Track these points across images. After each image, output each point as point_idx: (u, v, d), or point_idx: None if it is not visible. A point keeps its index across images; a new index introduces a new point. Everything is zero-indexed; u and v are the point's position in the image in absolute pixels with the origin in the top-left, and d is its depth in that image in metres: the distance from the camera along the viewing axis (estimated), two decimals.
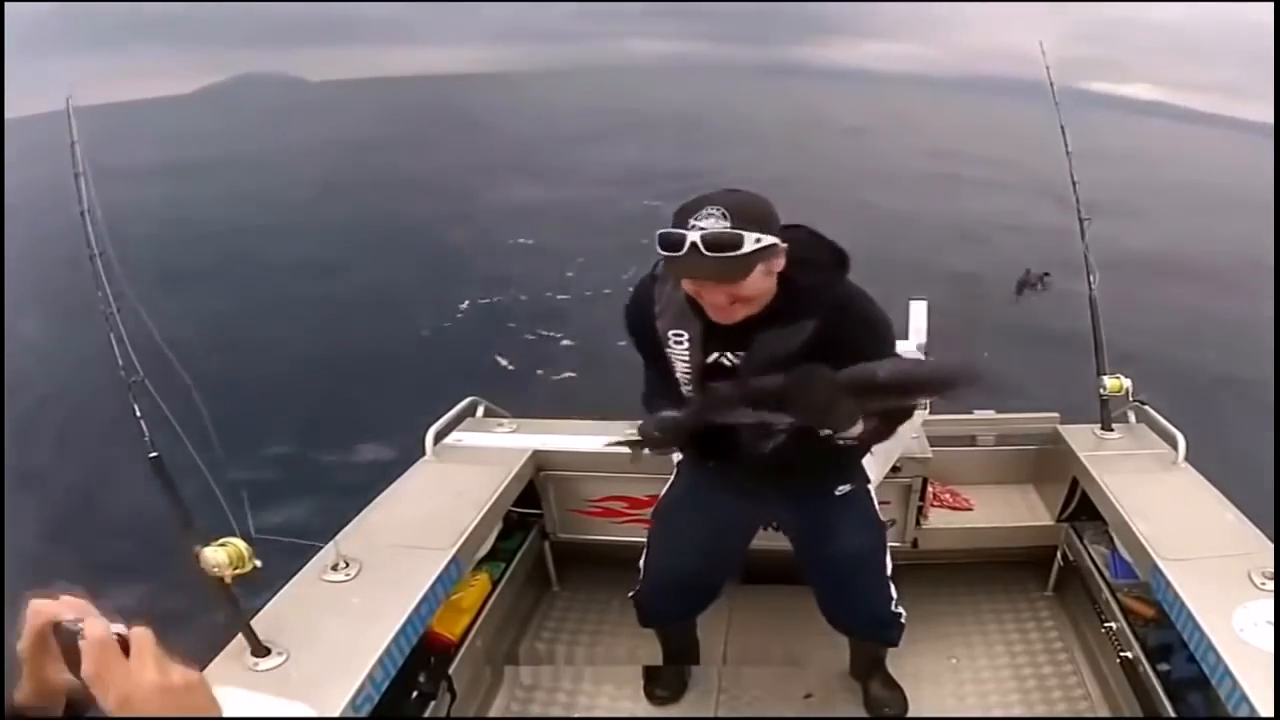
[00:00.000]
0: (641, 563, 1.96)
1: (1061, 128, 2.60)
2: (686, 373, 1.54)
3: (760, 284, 1.36)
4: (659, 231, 1.31)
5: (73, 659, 0.67)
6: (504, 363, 8.83)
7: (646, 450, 1.64)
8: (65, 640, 0.68)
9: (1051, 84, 2.64)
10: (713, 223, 1.27)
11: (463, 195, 17.94)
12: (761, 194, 1.36)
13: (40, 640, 0.70)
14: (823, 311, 1.41)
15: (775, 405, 1.36)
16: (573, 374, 8.34)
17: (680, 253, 1.28)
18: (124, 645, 0.66)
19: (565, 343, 9.49)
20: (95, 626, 0.65)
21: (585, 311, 10.16)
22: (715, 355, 1.51)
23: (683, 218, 1.30)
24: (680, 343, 1.52)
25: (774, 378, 1.35)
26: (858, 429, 1.39)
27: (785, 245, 1.34)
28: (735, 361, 1.50)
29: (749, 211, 1.30)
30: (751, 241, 1.27)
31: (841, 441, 1.47)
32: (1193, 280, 12.43)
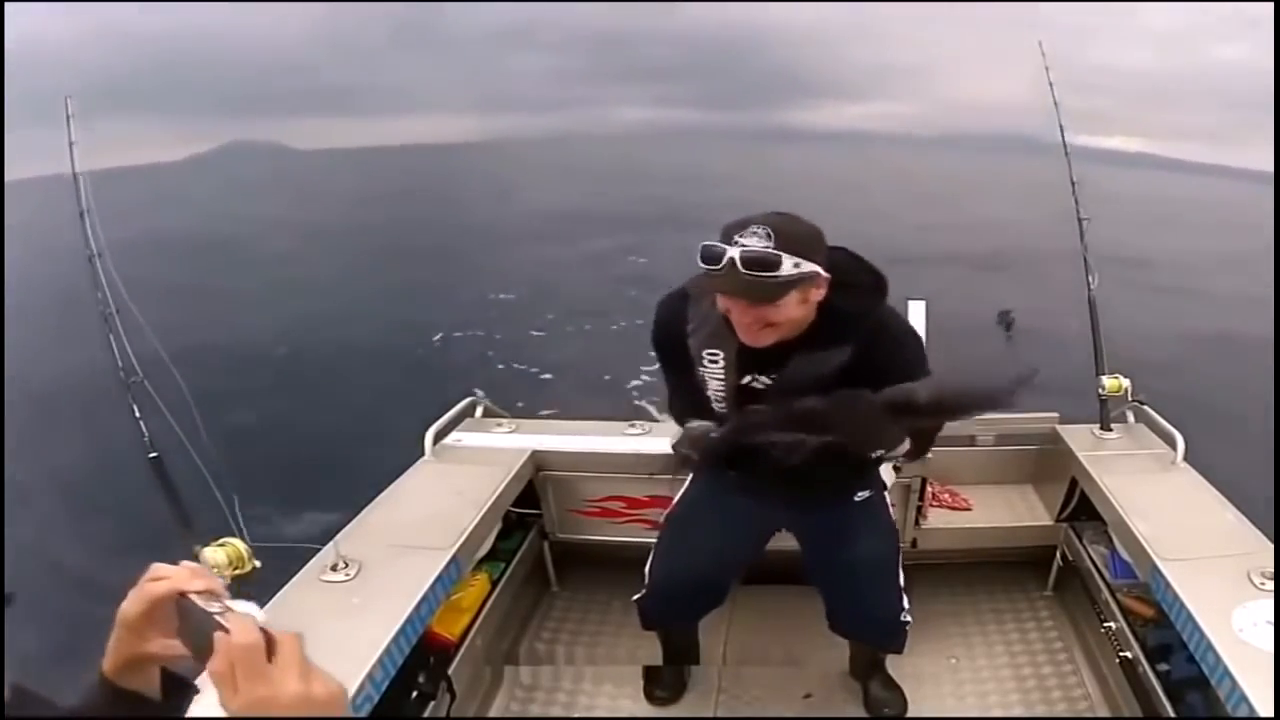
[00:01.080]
0: (648, 566, 1.95)
1: (1061, 127, 2.61)
2: (720, 391, 1.53)
3: (794, 311, 1.34)
4: (702, 244, 1.30)
5: (197, 641, 0.62)
6: (480, 393, 8.92)
7: (681, 464, 1.63)
8: (194, 621, 0.62)
9: (1051, 84, 2.65)
10: (756, 241, 1.26)
11: (444, 255, 18.07)
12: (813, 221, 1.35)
13: (155, 608, 0.65)
14: (859, 337, 1.40)
15: (817, 429, 1.35)
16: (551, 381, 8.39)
17: (718, 267, 1.27)
18: (267, 644, 0.61)
19: (544, 376, 9.54)
20: (244, 628, 0.61)
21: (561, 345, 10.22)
22: (749, 378, 1.50)
23: (728, 234, 1.29)
24: (715, 362, 1.50)
25: (814, 400, 1.33)
26: (904, 447, 1.42)
27: (827, 276, 1.33)
28: (768, 384, 1.48)
29: (794, 236, 1.28)
30: (790, 265, 1.26)
31: (888, 460, 1.48)
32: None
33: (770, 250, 1.26)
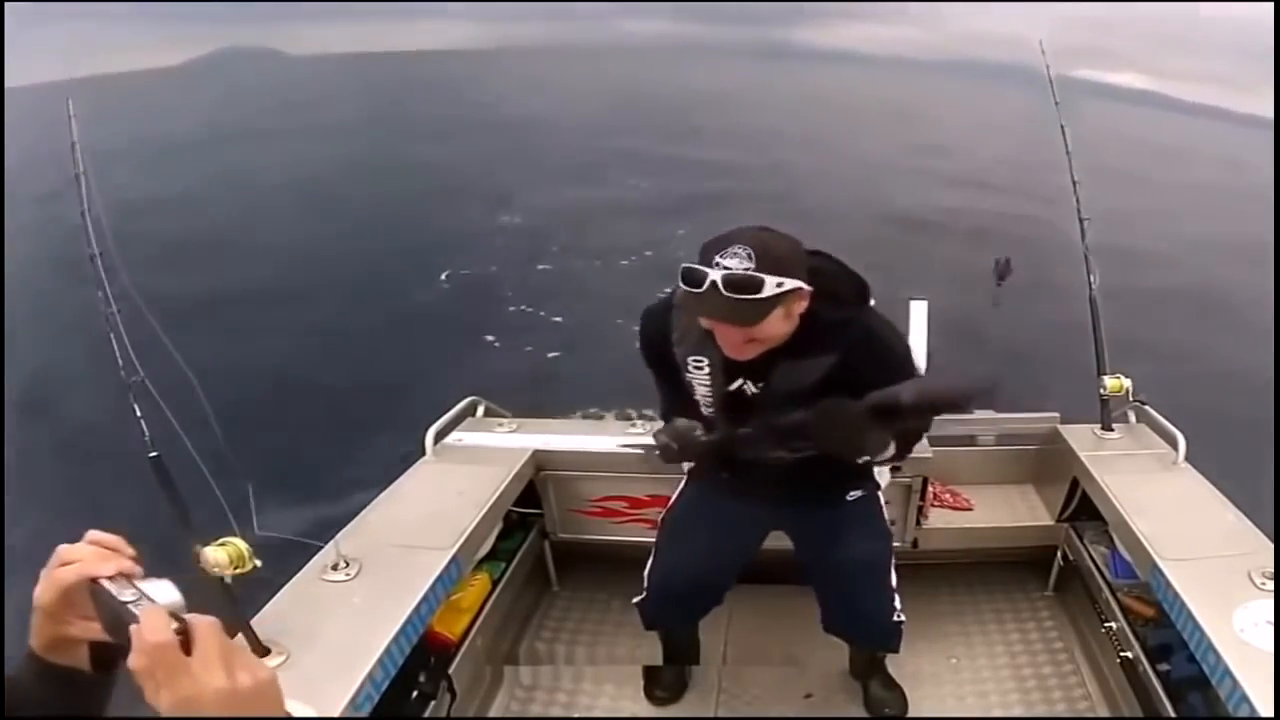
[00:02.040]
0: (647, 568, 1.95)
1: (1061, 127, 2.60)
2: (708, 397, 1.54)
3: (778, 327, 1.35)
4: (684, 265, 1.30)
5: (114, 628, 0.59)
6: (491, 339, 8.87)
7: (658, 453, 1.64)
8: (108, 609, 0.60)
9: (1051, 84, 2.64)
10: (737, 263, 1.26)
11: (450, 173, 17.54)
12: (790, 234, 1.35)
13: (65, 596, 0.62)
14: (844, 345, 1.40)
15: (802, 440, 1.37)
16: (556, 353, 8.38)
17: (700, 289, 1.27)
18: (183, 634, 0.57)
19: (555, 319, 9.48)
20: (154, 626, 0.57)
21: (573, 289, 10.14)
22: (737, 383, 1.51)
23: (708, 255, 1.29)
24: (700, 368, 1.51)
25: (797, 414, 1.34)
26: (890, 451, 1.42)
27: (810, 289, 1.33)
28: (756, 390, 1.50)
29: (774, 255, 1.28)
30: (772, 286, 1.26)
31: (877, 463, 1.52)
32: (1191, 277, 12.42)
33: (752, 272, 1.25)
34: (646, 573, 1.95)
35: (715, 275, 1.26)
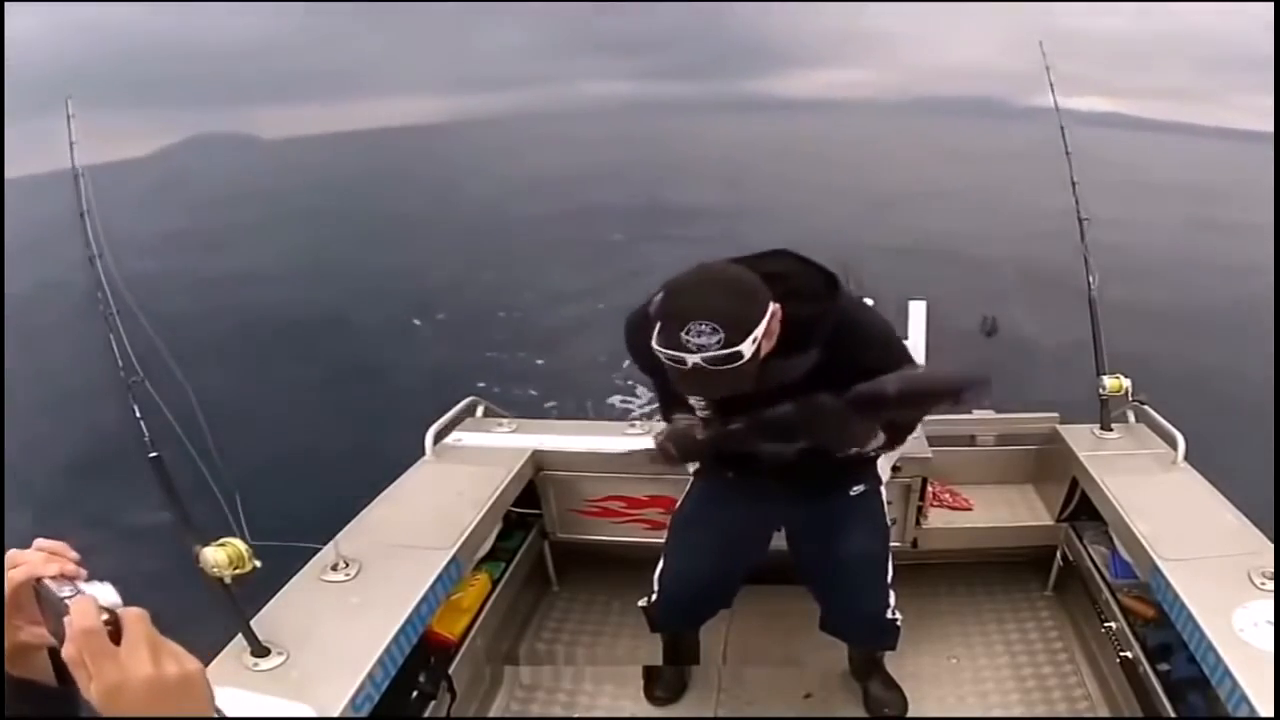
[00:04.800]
0: (657, 572, 1.95)
1: (1061, 128, 2.60)
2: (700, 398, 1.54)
3: (762, 355, 1.33)
4: (657, 347, 1.29)
5: (56, 626, 0.61)
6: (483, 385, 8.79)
7: (660, 457, 1.65)
8: (49, 606, 0.62)
9: (1051, 84, 2.64)
10: (706, 340, 1.24)
11: (424, 227, 17.63)
12: (739, 269, 1.33)
13: (14, 596, 0.63)
14: (824, 337, 1.41)
15: (790, 435, 1.39)
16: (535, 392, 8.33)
17: (685, 367, 1.27)
18: (113, 625, 0.59)
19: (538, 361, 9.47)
20: (83, 611, 0.58)
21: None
22: None
23: (673, 334, 1.26)
24: None
25: (785, 409, 1.36)
26: (879, 441, 1.45)
27: (777, 307, 1.32)
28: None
29: (739, 317, 1.26)
30: (749, 346, 1.25)
31: (866, 454, 1.53)
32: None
33: (724, 349, 1.24)
34: (656, 576, 1.95)
35: (695, 359, 1.25)
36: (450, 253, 15.41)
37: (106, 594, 0.63)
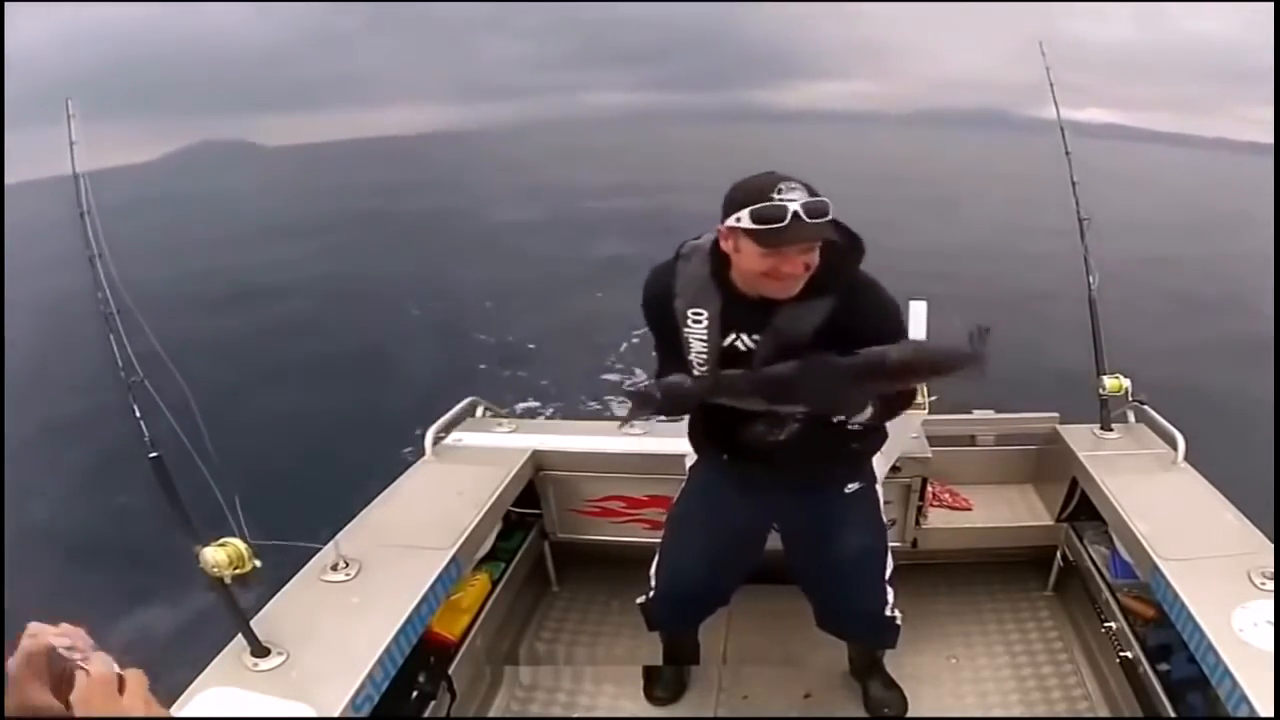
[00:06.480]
0: (653, 569, 1.94)
1: (1061, 128, 2.60)
2: (703, 353, 1.54)
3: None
4: (752, 207, 1.33)
5: (60, 687, 0.70)
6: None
7: (640, 401, 1.62)
8: (56, 668, 0.71)
9: (1051, 85, 2.64)
10: (800, 194, 1.32)
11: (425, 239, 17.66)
12: None
13: (30, 662, 0.72)
14: (839, 291, 1.44)
15: (786, 394, 1.41)
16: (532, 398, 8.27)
17: (784, 222, 1.31)
18: (119, 683, 0.71)
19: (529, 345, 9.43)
20: (101, 663, 0.71)
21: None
22: (732, 337, 1.52)
23: (764, 194, 1.33)
24: (699, 321, 1.52)
25: (785, 365, 1.39)
26: (867, 413, 1.45)
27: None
28: (751, 345, 1.51)
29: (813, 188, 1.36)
30: (833, 207, 1.34)
31: (851, 426, 1.53)
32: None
33: (820, 198, 1.33)
34: (652, 572, 1.94)
35: (796, 206, 1.31)
36: (451, 257, 15.45)
37: (107, 662, 0.73)
